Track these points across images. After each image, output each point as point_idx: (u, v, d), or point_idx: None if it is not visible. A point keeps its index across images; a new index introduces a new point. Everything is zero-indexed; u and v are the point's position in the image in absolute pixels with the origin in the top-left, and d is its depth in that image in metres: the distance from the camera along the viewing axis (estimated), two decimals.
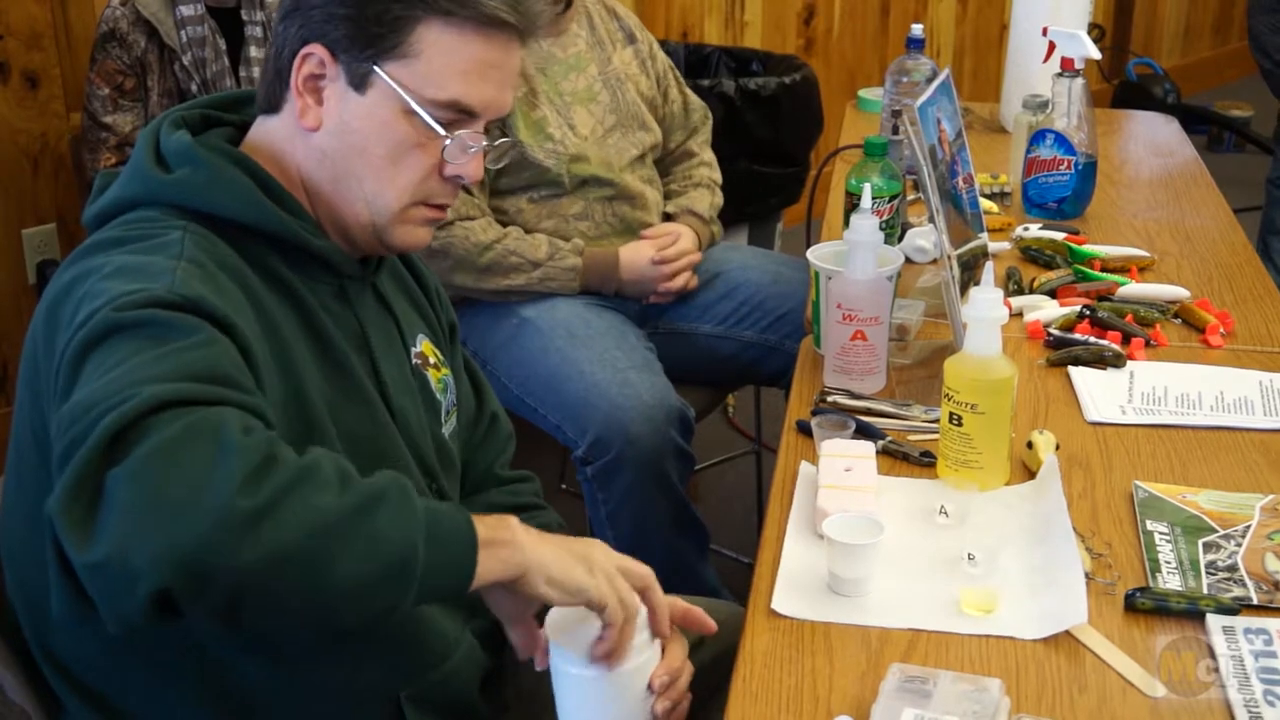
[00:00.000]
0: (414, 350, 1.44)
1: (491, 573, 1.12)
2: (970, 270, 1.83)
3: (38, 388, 1.17)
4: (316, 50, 1.27)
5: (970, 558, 1.39)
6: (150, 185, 1.25)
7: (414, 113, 1.26)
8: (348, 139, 1.28)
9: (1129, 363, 1.85)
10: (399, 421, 1.36)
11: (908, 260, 2.10)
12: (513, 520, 1.16)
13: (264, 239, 1.26)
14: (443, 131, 1.28)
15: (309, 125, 1.29)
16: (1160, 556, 1.42)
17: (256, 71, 2.78)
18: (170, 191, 1.24)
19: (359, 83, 1.27)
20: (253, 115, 1.35)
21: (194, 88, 2.72)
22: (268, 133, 1.32)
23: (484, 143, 1.32)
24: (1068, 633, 1.30)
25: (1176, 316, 2.00)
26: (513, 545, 1.14)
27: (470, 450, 1.58)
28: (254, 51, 2.78)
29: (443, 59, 1.26)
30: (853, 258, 1.73)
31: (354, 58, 1.26)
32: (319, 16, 1.26)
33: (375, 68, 1.26)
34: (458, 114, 1.28)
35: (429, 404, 1.44)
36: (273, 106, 1.32)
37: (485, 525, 1.12)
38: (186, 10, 2.71)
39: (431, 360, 1.47)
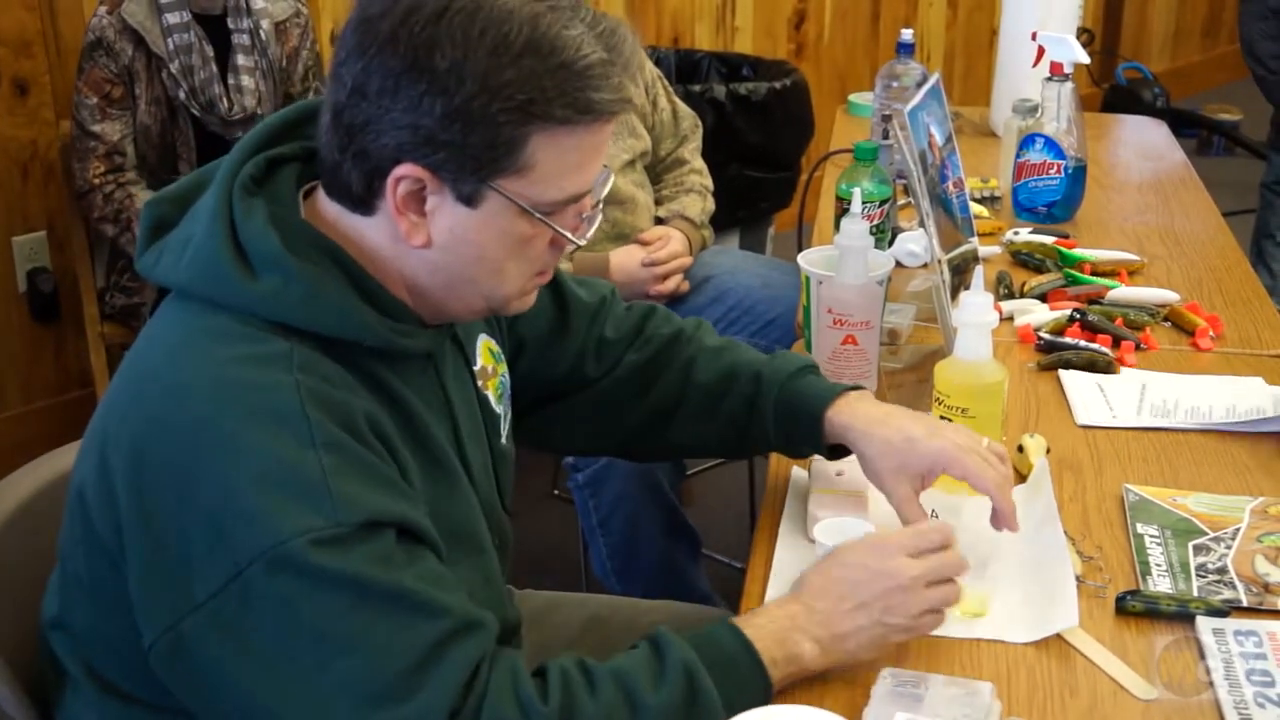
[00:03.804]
0: (475, 369, 1.39)
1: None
2: (961, 274, 1.83)
3: (100, 527, 1.15)
4: (414, 171, 1.15)
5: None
6: (239, 294, 1.15)
7: (535, 218, 1.18)
8: (463, 250, 1.19)
9: (1119, 366, 1.85)
10: (476, 487, 1.33)
11: (898, 265, 2.10)
12: (791, 644, 1.22)
13: (363, 346, 1.19)
14: (572, 237, 1.22)
15: (418, 244, 1.18)
16: (1150, 559, 1.42)
17: (245, 79, 2.78)
18: (263, 307, 1.15)
19: (469, 199, 1.16)
20: (311, 137, 1.23)
21: (181, 95, 2.72)
22: (361, 233, 1.21)
23: (598, 209, 1.26)
24: (1059, 636, 1.30)
25: (1166, 320, 2.01)
26: (804, 666, 1.23)
27: (563, 357, 1.53)
28: (241, 59, 2.78)
29: (558, 163, 1.17)
30: (843, 262, 1.73)
31: (461, 179, 1.15)
32: (412, 137, 1.14)
33: (488, 185, 1.16)
34: (574, 201, 1.21)
35: (490, 424, 1.40)
36: (362, 207, 1.19)
37: (769, 658, 1.21)
38: (173, 18, 2.71)
39: (489, 368, 1.42)
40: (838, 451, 1.48)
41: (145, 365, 1.18)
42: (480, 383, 1.39)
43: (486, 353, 1.42)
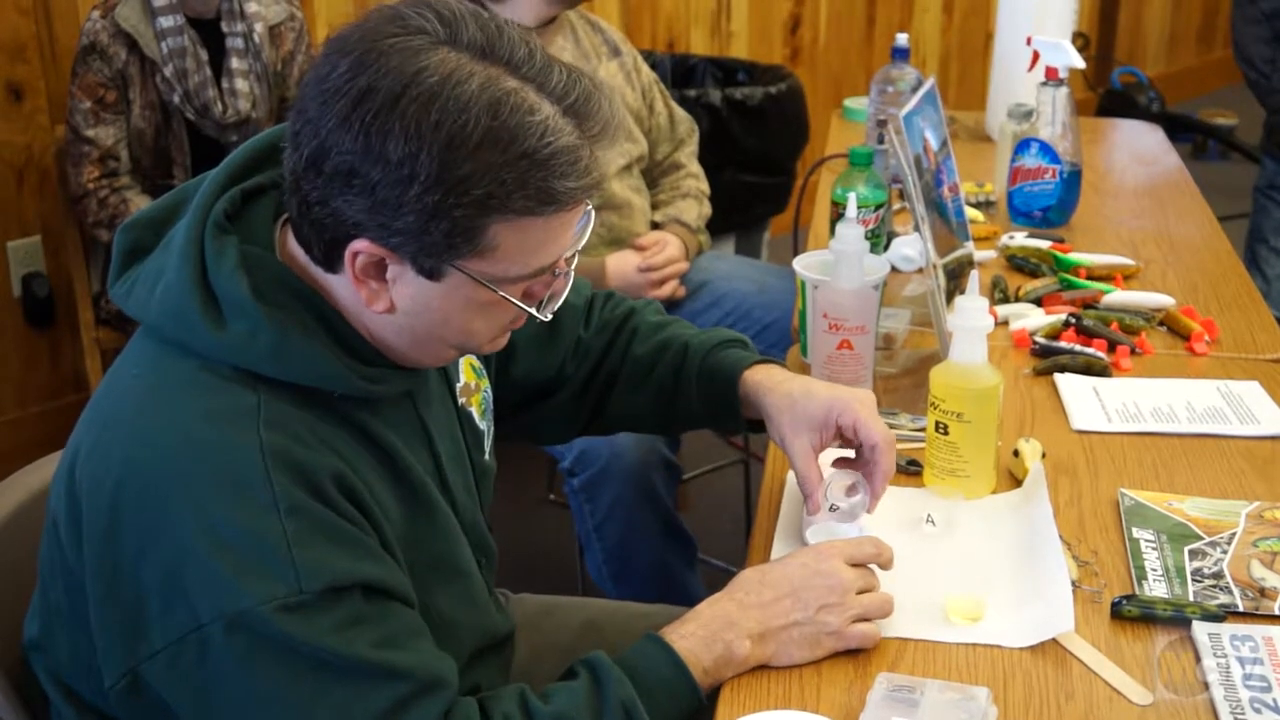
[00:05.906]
0: (458, 387, 1.37)
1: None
2: (956, 279, 1.83)
3: (69, 563, 1.17)
4: (371, 248, 1.11)
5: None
6: (207, 341, 1.13)
7: (499, 294, 1.15)
8: (427, 316, 1.16)
9: (1114, 371, 1.85)
10: (459, 510, 1.32)
11: (893, 269, 2.10)
12: (722, 645, 1.26)
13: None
14: (537, 314, 1.19)
15: (380, 310, 1.15)
16: (1146, 564, 1.42)
17: (239, 83, 2.78)
18: (231, 354, 1.13)
19: (430, 273, 1.13)
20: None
21: (175, 99, 2.72)
22: (329, 284, 1.17)
23: (573, 262, 1.21)
24: (1055, 641, 1.30)
25: (1162, 324, 2.01)
26: (737, 664, 1.26)
27: (555, 354, 1.53)
28: (235, 63, 2.78)
29: (521, 246, 1.13)
30: (839, 267, 1.73)
31: (420, 258, 1.12)
32: (367, 219, 1.10)
33: (449, 265, 1.12)
34: (543, 272, 1.18)
35: (474, 441, 1.39)
36: (324, 265, 1.16)
37: (699, 669, 1.25)
38: (166, 22, 2.70)
39: (473, 385, 1.41)
40: (756, 426, 1.51)
41: (113, 413, 1.16)
42: (464, 399, 1.38)
43: (469, 369, 1.41)
